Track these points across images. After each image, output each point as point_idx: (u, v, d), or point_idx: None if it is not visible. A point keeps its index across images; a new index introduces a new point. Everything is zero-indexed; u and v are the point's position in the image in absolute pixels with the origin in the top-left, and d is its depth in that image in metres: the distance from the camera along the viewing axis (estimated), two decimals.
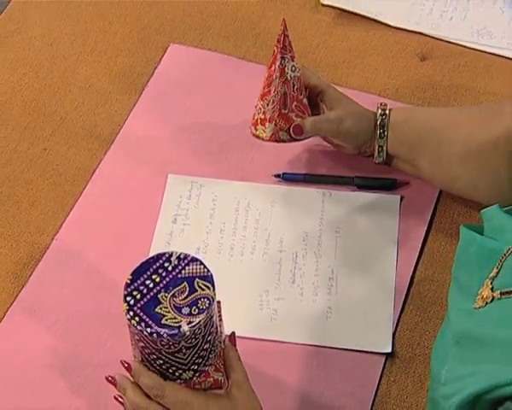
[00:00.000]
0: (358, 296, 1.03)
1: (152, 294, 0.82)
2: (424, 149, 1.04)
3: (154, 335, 0.79)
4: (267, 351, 0.99)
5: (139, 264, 0.84)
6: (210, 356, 0.84)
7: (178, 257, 0.84)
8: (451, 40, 1.29)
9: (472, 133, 1.01)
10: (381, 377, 0.98)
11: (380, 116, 1.05)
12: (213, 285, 0.82)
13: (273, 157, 1.15)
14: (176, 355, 0.81)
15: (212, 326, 0.82)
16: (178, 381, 0.83)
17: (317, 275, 1.05)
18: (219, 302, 0.88)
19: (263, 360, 0.98)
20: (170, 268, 0.83)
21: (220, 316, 0.87)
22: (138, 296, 0.81)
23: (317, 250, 1.07)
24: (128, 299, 0.81)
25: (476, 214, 1.01)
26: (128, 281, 0.83)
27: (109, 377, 0.87)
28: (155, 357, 0.82)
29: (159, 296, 0.81)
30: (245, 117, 1.13)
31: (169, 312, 0.80)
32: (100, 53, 1.28)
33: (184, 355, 0.81)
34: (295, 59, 1.05)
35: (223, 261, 1.07)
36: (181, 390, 0.83)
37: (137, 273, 0.83)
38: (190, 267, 0.83)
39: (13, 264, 1.06)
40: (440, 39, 1.29)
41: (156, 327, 0.79)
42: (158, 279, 0.83)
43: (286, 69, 1.04)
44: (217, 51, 1.27)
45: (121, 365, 0.86)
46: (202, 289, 0.82)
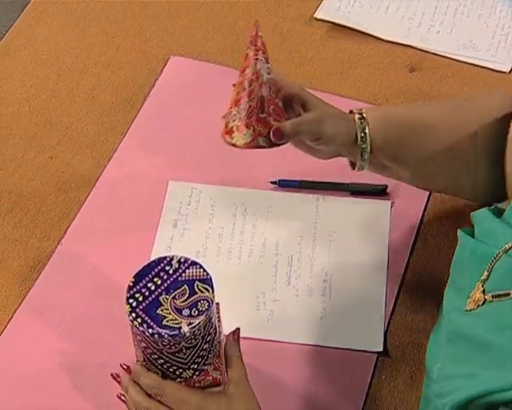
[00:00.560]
0: (351, 298, 1.03)
1: (153, 296, 0.81)
2: (405, 148, 0.98)
3: (156, 335, 0.79)
4: (264, 350, 0.99)
5: (141, 267, 0.84)
6: (209, 356, 0.83)
7: (179, 261, 0.84)
8: (439, 53, 1.30)
9: (451, 131, 0.98)
10: (373, 374, 0.97)
11: (358, 120, 0.97)
12: (212, 288, 0.82)
13: (270, 164, 1.15)
14: (176, 355, 0.81)
15: (211, 327, 0.82)
16: (179, 380, 0.83)
17: (312, 277, 1.05)
18: (218, 304, 0.88)
19: (260, 359, 0.98)
20: (171, 271, 0.83)
21: (219, 317, 0.87)
22: (140, 298, 0.81)
23: (312, 253, 1.07)
24: (130, 301, 0.81)
25: (464, 218, 1.01)
26: (130, 284, 0.82)
27: (115, 373, 0.86)
28: (157, 357, 0.81)
29: (160, 298, 0.81)
30: None
31: (170, 313, 0.80)
32: (103, 66, 1.27)
33: (184, 355, 0.81)
34: (269, 60, 0.94)
35: (221, 264, 1.06)
36: (180, 389, 0.82)
37: (139, 276, 0.83)
38: (190, 270, 0.83)
39: (20, 267, 1.06)
40: (428, 52, 1.29)
41: (158, 328, 0.79)
42: (159, 282, 0.82)
43: (261, 72, 0.92)
44: (215, 63, 1.27)
45: (122, 367, 0.85)
46: (202, 291, 0.81)
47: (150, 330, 0.79)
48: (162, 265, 0.83)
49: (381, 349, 0.99)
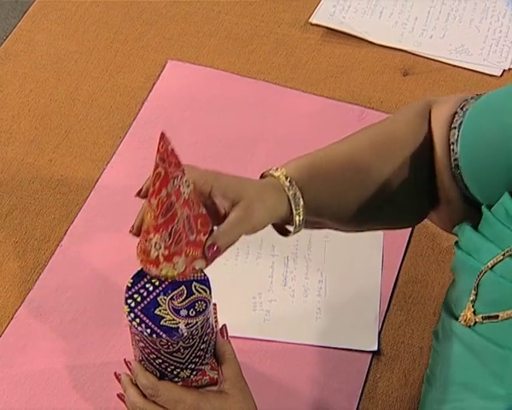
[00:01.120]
0: (346, 298, 1.03)
1: (152, 297, 0.81)
2: (337, 203, 0.86)
3: (154, 335, 0.78)
4: (260, 350, 0.99)
5: (140, 268, 0.83)
6: (206, 356, 0.83)
7: None
8: (431, 57, 1.29)
9: (380, 173, 0.86)
10: (368, 373, 0.97)
11: (287, 188, 0.83)
12: (210, 289, 0.82)
13: (266, 167, 1.14)
14: (174, 355, 0.80)
15: (209, 327, 0.82)
16: (176, 379, 0.82)
17: (307, 278, 1.05)
18: (215, 305, 0.87)
19: (255, 359, 0.97)
20: None
21: (216, 318, 0.87)
22: (139, 299, 0.80)
23: (307, 254, 1.06)
24: (129, 301, 0.80)
25: None
26: (129, 284, 0.82)
27: (118, 373, 0.86)
28: (155, 356, 0.81)
29: (158, 299, 0.80)
30: (238, 128, 1.13)
31: (168, 314, 0.79)
32: (102, 70, 1.27)
33: (182, 355, 0.80)
34: (182, 167, 0.77)
35: (218, 265, 1.05)
36: (174, 389, 0.81)
37: (138, 277, 0.82)
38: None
39: (20, 269, 1.06)
40: (421, 56, 1.29)
41: (156, 328, 0.78)
42: (157, 283, 0.82)
43: (181, 189, 0.75)
44: (212, 67, 1.27)
45: (124, 364, 0.85)
46: (199, 292, 0.81)
47: (148, 330, 0.78)
48: None
49: (376, 349, 0.98)
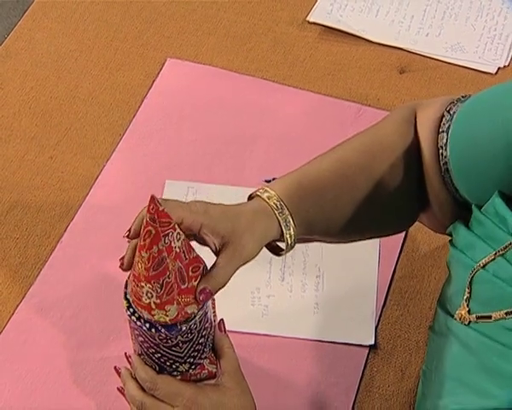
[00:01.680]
0: (343, 293, 1.02)
1: None
2: (327, 219, 0.85)
3: (153, 330, 0.78)
4: (258, 344, 0.98)
5: None
6: (205, 350, 0.82)
7: None
8: (428, 54, 1.29)
9: (368, 183, 0.85)
10: (365, 367, 0.97)
11: (275, 210, 0.81)
12: None
13: (264, 163, 1.14)
14: (173, 349, 0.80)
15: (207, 322, 0.81)
16: (175, 373, 0.82)
17: (305, 273, 1.04)
18: (214, 299, 0.87)
19: (254, 353, 0.97)
20: None
21: (215, 312, 0.86)
22: None
23: (305, 250, 1.06)
24: (128, 296, 0.80)
25: None
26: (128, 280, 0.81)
27: (118, 367, 0.85)
28: (154, 351, 0.81)
29: None
30: (237, 125, 1.12)
31: None
32: (102, 68, 1.27)
33: (181, 349, 0.80)
34: (173, 224, 0.74)
35: None
36: (172, 382, 0.81)
37: None
38: None
39: (21, 265, 1.05)
40: (417, 54, 1.29)
41: (154, 323, 0.78)
42: None
43: (172, 244, 0.74)
44: (211, 65, 1.27)
45: (124, 358, 0.84)
46: None
47: (147, 324, 0.78)
48: None
49: (373, 343, 0.98)
